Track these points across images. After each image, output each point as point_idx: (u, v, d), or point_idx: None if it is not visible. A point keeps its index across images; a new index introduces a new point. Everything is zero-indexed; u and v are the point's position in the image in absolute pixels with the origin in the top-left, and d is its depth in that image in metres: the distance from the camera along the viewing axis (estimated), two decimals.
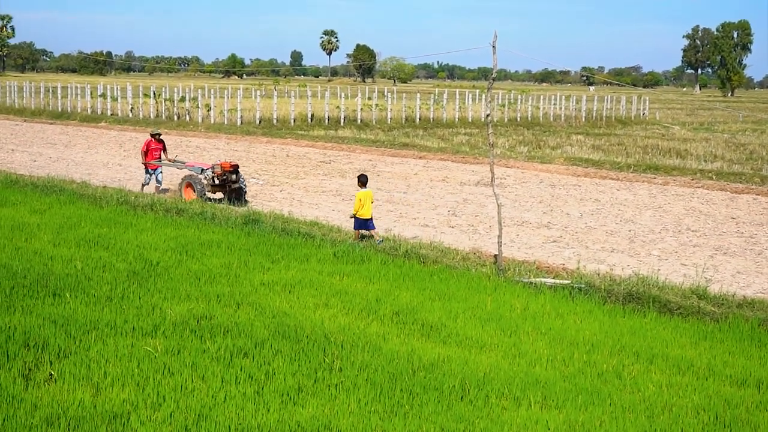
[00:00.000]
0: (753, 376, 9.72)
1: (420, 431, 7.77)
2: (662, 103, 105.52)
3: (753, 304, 12.93)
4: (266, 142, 42.71)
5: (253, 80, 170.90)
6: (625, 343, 10.77)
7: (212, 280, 13.06)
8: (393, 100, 61.39)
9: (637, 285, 13.52)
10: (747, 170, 32.67)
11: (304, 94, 66.29)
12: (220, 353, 9.61)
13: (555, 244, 18.56)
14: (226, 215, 18.69)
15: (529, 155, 37.42)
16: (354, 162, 34.65)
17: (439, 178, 29.88)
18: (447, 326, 11.16)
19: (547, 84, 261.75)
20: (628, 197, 26.35)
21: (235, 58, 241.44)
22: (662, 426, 8.14)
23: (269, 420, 7.87)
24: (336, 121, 53.69)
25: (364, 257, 15.17)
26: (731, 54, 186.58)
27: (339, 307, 11.84)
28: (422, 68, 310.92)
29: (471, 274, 14.38)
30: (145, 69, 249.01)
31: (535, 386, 9.03)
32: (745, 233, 20.47)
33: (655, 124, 65.05)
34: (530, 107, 66.33)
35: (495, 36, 15.28)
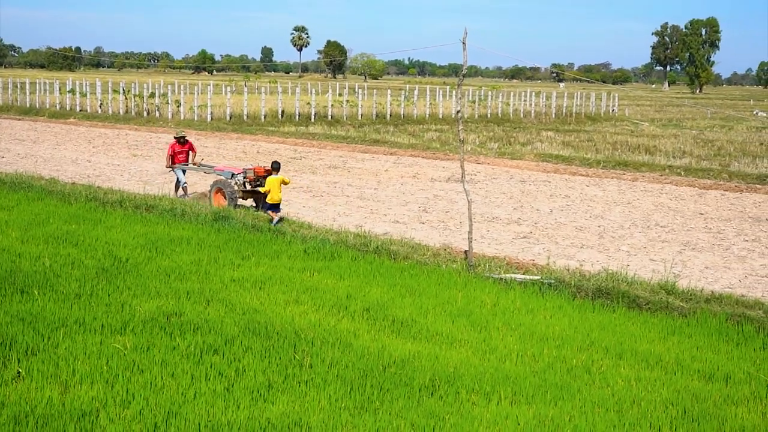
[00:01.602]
0: (721, 371, 9.80)
1: (390, 427, 7.78)
2: (631, 100, 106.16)
3: (721, 299, 13.02)
4: (236, 139, 42.58)
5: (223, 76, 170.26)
6: (595, 339, 10.82)
7: (182, 277, 13.01)
8: (364, 96, 61.36)
9: (607, 280, 13.59)
10: (715, 166, 32.91)
11: (274, 90, 66.22)
12: (190, 350, 9.57)
13: (525, 240, 18.63)
14: (196, 212, 18.61)
15: (499, 151, 37.51)
16: (325, 158, 34.61)
17: (409, 174, 29.91)
18: (417, 322, 11.17)
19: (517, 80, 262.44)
20: (597, 193, 26.49)
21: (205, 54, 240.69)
22: (631, 420, 8.19)
23: (239, 417, 7.85)
24: (307, 117, 53.59)
25: (334, 254, 15.16)
26: (699, 51, 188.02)
27: (309, 304, 11.83)
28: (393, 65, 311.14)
29: (441, 270, 14.40)
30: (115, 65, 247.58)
31: (505, 382, 9.06)
32: (713, 229, 20.64)
33: (625, 121, 65.40)
34: (500, 104, 66.55)
35: (465, 33, 15.31)
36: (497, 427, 7.89)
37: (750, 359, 10.35)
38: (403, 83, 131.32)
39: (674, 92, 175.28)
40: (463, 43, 15.28)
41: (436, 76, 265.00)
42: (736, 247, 18.42)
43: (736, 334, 11.38)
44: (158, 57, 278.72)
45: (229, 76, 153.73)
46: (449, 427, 7.84)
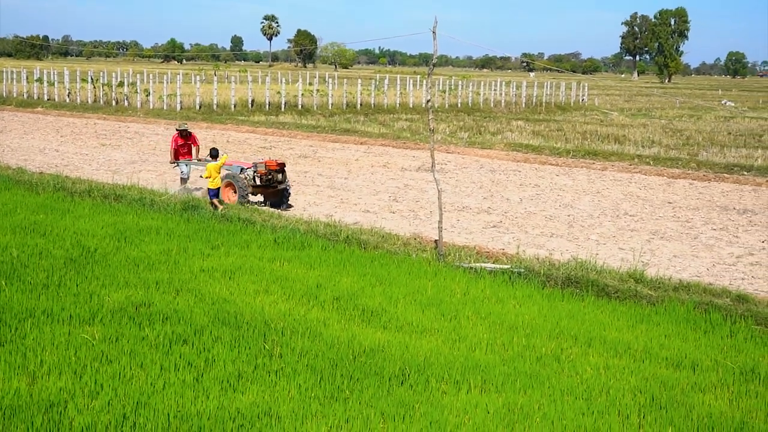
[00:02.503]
0: (688, 358, 9.88)
1: (360, 416, 7.78)
2: (601, 90, 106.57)
3: (689, 287, 13.12)
4: (206, 128, 42.34)
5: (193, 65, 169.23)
6: (564, 327, 10.87)
7: (151, 267, 12.94)
8: (334, 85, 61.22)
9: (576, 269, 13.66)
10: (683, 155, 33.12)
11: (244, 79, 65.89)
12: (159, 340, 9.53)
13: (495, 229, 18.67)
14: (165, 201, 18.52)
15: (469, 141, 37.56)
16: (295, 148, 34.53)
17: (380, 163, 29.89)
18: (387, 311, 11.18)
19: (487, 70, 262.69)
20: (567, 182, 26.59)
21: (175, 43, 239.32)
22: (599, 408, 8.24)
23: (209, 407, 7.83)
24: (277, 106, 53.40)
25: (304, 243, 15.13)
26: (668, 41, 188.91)
27: (279, 293, 11.81)
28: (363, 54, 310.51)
29: (411, 259, 14.42)
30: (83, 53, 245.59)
31: (475, 370, 9.08)
32: (681, 218, 20.77)
33: (594, 110, 65.66)
34: (471, 93, 66.59)
35: (435, 22, 15.30)
36: (467, 416, 7.91)
37: (717, 347, 10.43)
38: (374, 72, 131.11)
39: (643, 82, 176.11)
40: (433, 32, 15.27)
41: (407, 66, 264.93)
42: (704, 236, 18.55)
43: (703, 322, 11.48)
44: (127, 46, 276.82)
45: (198, 65, 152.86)
46: (419, 416, 7.86)
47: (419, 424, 7.70)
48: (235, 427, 7.48)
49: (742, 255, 16.81)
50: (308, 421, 7.67)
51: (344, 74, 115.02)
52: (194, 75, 63.87)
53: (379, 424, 7.68)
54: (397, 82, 63.18)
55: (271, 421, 7.64)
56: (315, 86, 58.52)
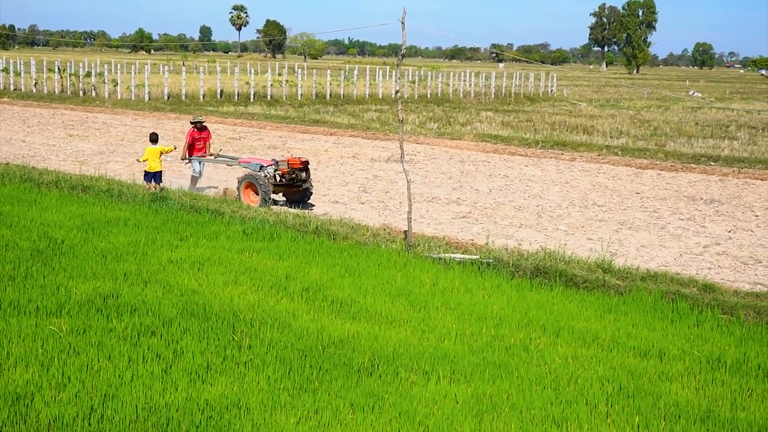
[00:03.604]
0: (655, 347, 9.94)
1: (329, 407, 7.78)
2: (570, 80, 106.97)
3: (656, 277, 13.21)
4: (175, 119, 42.14)
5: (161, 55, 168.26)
6: (533, 317, 10.91)
7: (119, 258, 12.86)
8: (303, 76, 61.08)
9: (545, 259, 13.71)
10: (651, 146, 33.33)
11: (213, 69, 65.67)
12: (127, 332, 9.48)
13: (464, 220, 18.72)
14: (134, 192, 18.41)
15: (438, 132, 37.59)
16: (264, 138, 34.43)
17: (349, 154, 29.87)
18: (357, 302, 11.18)
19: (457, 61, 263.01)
20: (536, 173, 26.68)
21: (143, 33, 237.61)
22: (568, 397, 8.28)
23: (177, 398, 7.80)
24: (246, 97, 53.23)
25: (273, 234, 15.10)
26: (636, 32, 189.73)
27: (248, 285, 11.77)
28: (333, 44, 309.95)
29: (381, 250, 14.42)
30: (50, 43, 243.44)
31: (444, 361, 9.10)
32: (649, 208, 20.90)
33: (563, 101, 65.90)
34: (440, 84, 66.62)
35: (404, 12, 15.29)
36: (436, 406, 7.93)
37: (684, 336, 10.51)
38: (343, 63, 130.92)
39: (612, 73, 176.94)
40: (402, 22, 15.27)
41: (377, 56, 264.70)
42: (671, 226, 18.68)
43: (670, 311, 11.56)
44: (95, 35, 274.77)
45: (167, 56, 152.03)
46: (388, 406, 7.87)
47: (388, 415, 7.71)
48: (204, 419, 7.46)
49: (709, 245, 16.94)
50: (277, 412, 7.66)
51: (313, 65, 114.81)
52: (162, 65, 63.60)
53: (349, 415, 7.68)
54: (367, 72, 63.12)
55: (240, 413, 7.62)
56: (284, 77, 58.38)
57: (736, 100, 74.86)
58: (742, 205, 21.65)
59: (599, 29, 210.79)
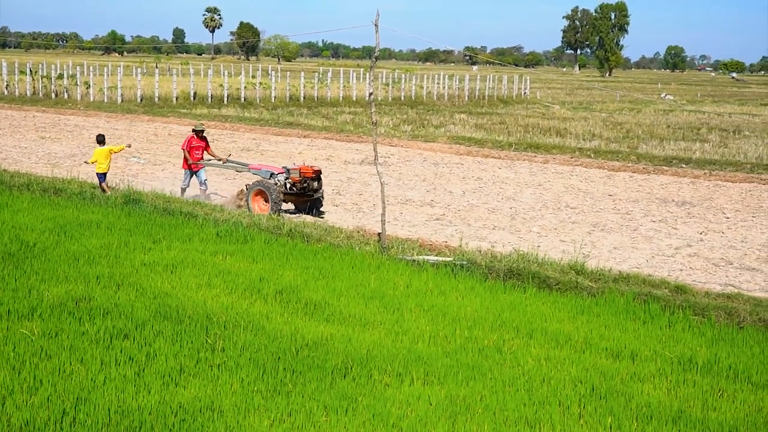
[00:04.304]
0: (627, 348, 10.00)
1: (303, 409, 7.78)
2: (543, 83, 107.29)
3: (628, 278, 13.28)
4: (148, 121, 41.98)
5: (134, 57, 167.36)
6: (506, 319, 10.95)
7: (91, 261, 12.80)
8: (277, 78, 61.04)
9: (518, 261, 13.76)
10: (624, 148, 33.50)
11: (186, 72, 65.42)
12: (100, 335, 9.44)
13: (438, 222, 18.75)
14: (106, 195, 18.32)
15: (412, 134, 37.63)
16: (238, 141, 34.34)
17: (323, 156, 29.84)
18: (330, 304, 11.18)
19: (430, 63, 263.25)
20: (509, 175, 26.76)
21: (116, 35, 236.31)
22: (541, 398, 8.32)
23: (150, 402, 7.77)
24: (219, 99, 53.09)
25: (247, 237, 15.07)
26: (609, 35, 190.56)
27: (222, 287, 11.75)
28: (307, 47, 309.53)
29: (355, 252, 14.42)
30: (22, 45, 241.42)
31: (418, 362, 9.12)
32: (621, 210, 21.02)
33: (536, 104, 66.10)
34: (414, 86, 66.64)
35: (377, 15, 15.31)
36: (409, 408, 7.94)
37: (656, 337, 10.58)
38: (317, 65, 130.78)
39: (584, 75, 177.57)
40: (375, 25, 15.28)
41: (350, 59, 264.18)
42: (643, 228, 18.79)
43: (642, 312, 11.63)
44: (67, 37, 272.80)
45: (140, 58, 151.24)
46: (362, 409, 7.88)
47: (362, 417, 7.72)
48: (177, 422, 7.44)
49: (681, 246, 17.06)
50: (251, 415, 7.66)
51: (287, 67, 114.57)
52: (135, 67, 63.26)
53: (322, 417, 7.69)
54: (341, 75, 63.10)
55: (214, 415, 7.61)
56: (258, 79, 58.24)
57: (707, 102, 75.36)
58: (714, 207, 21.81)
59: (572, 32, 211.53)
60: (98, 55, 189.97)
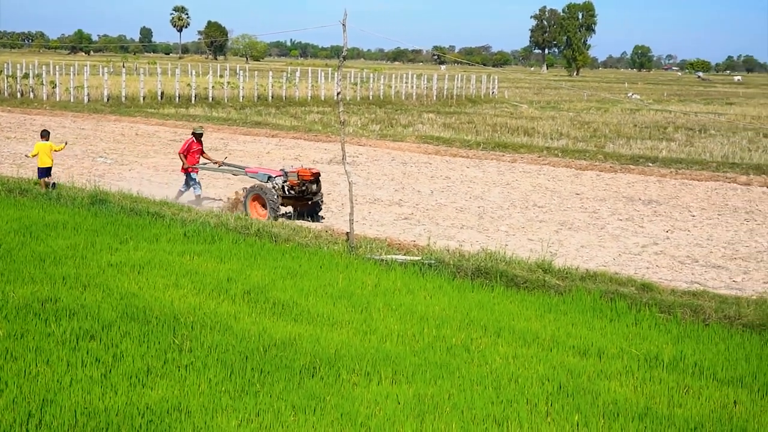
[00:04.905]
0: (594, 346, 10.05)
1: (271, 409, 7.77)
2: (511, 82, 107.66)
3: (595, 276, 13.35)
4: (114, 121, 41.75)
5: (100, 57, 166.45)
6: (474, 317, 10.97)
7: (57, 262, 12.70)
8: (245, 78, 60.84)
9: (486, 260, 13.79)
10: (591, 147, 33.69)
11: (154, 71, 65.03)
12: (66, 336, 9.38)
13: (406, 221, 18.78)
14: (72, 195, 18.20)
15: (381, 133, 37.66)
16: (205, 141, 34.04)
17: (291, 156, 29.78)
18: (299, 304, 11.16)
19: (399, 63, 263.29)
20: (477, 174, 26.84)
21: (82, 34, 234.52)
22: (508, 397, 8.34)
23: (117, 403, 7.73)
24: (187, 99, 52.88)
25: (215, 236, 15.02)
26: (576, 34, 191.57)
27: (189, 288, 11.70)
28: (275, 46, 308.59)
29: (323, 252, 14.41)
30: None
31: (386, 362, 9.12)
32: (588, 208, 21.13)
33: (504, 103, 66.33)
34: (382, 86, 66.71)
35: (345, 14, 15.30)
36: (378, 407, 7.95)
37: (623, 335, 10.64)
38: (286, 65, 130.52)
39: (552, 75, 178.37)
40: (343, 24, 15.27)
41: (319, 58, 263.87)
42: (610, 226, 18.90)
43: (609, 310, 11.69)
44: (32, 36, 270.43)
45: (106, 57, 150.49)
46: (330, 408, 7.87)
47: (330, 416, 7.71)
48: (144, 423, 7.41)
49: (647, 245, 17.18)
50: (218, 415, 7.63)
51: (255, 66, 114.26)
52: (102, 67, 62.92)
53: (290, 417, 7.67)
54: (309, 74, 63.03)
55: (181, 416, 7.58)
56: (226, 78, 58.11)
57: (673, 102, 75.94)
58: (680, 206, 21.98)
59: (540, 32, 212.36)
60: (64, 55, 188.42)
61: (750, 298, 12.40)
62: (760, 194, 24.39)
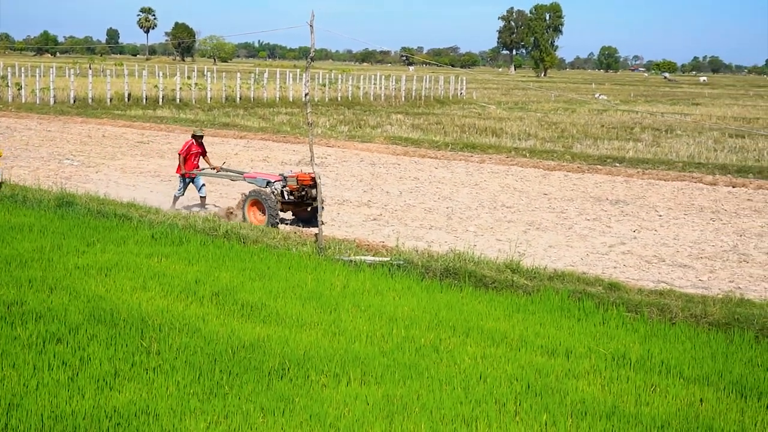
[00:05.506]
0: (562, 346, 10.10)
1: (239, 411, 7.75)
2: (479, 83, 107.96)
3: (563, 276, 13.41)
4: (81, 123, 41.49)
5: (67, 58, 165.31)
6: (443, 318, 10.99)
7: (23, 265, 12.60)
8: (213, 79, 60.62)
9: (454, 261, 13.81)
10: (558, 148, 33.86)
11: (120, 73, 64.70)
12: (32, 340, 9.30)
13: (375, 222, 18.78)
14: (38, 197, 18.06)
15: (349, 134, 37.66)
16: (173, 142, 34.04)
17: (260, 158, 29.73)
18: (267, 306, 11.14)
19: (367, 64, 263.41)
20: (446, 175, 26.89)
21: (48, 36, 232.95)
22: (477, 397, 8.36)
23: (84, 406, 7.68)
24: (154, 100, 52.62)
25: (183, 238, 14.95)
26: (544, 36, 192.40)
27: (157, 290, 11.64)
28: (243, 47, 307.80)
29: (291, 253, 14.38)
30: None
31: (355, 363, 9.12)
32: (556, 209, 21.23)
33: (472, 104, 66.50)
34: (351, 87, 66.69)
35: (312, 15, 15.29)
36: (347, 408, 7.94)
37: (590, 334, 10.70)
38: (253, 66, 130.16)
39: (520, 76, 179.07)
40: (310, 25, 15.26)
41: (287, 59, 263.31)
42: (578, 226, 18.99)
43: (577, 310, 11.74)
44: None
45: (73, 58, 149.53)
46: (299, 409, 7.86)
47: (299, 418, 7.70)
48: (112, 426, 7.36)
49: (615, 244, 17.28)
50: (187, 418, 7.60)
51: (223, 68, 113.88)
52: (68, 68, 62.51)
53: (259, 419, 7.66)
54: (277, 75, 62.97)
55: (149, 419, 7.54)
56: (193, 80, 57.89)
57: (640, 102, 76.45)
58: (647, 206, 22.12)
59: (507, 33, 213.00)
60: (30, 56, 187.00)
61: (716, 297, 12.50)
62: (725, 194, 24.60)
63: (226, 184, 21.95)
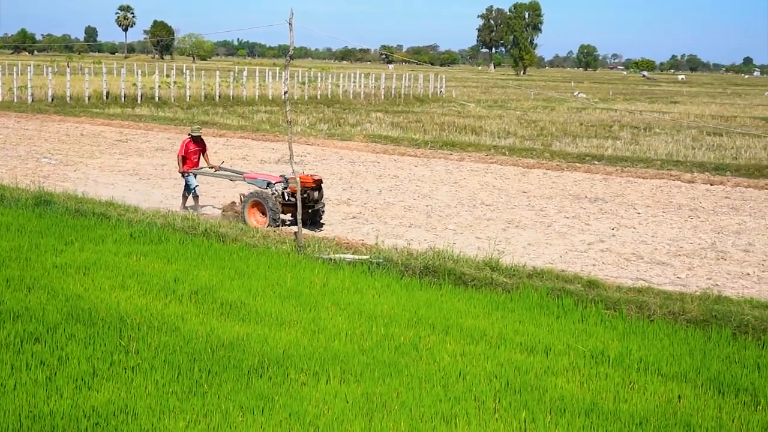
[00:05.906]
0: (541, 343, 10.13)
1: (219, 410, 7.73)
2: (458, 81, 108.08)
3: (542, 274, 13.45)
4: (59, 121, 41.27)
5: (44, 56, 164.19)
6: (422, 316, 11.00)
7: (1, 264, 12.53)
8: (192, 77, 60.42)
9: (434, 259, 13.82)
10: (538, 146, 33.94)
11: (99, 71, 64.41)
12: (10, 339, 9.26)
13: (354, 220, 18.78)
14: (16, 196, 17.96)
15: (329, 133, 37.62)
16: (152, 140, 33.95)
17: (239, 156, 29.66)
18: (246, 304, 11.12)
19: (347, 62, 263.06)
20: (425, 173, 26.91)
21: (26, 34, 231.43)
22: (456, 394, 8.38)
23: (62, 406, 7.65)
24: (133, 98, 52.40)
25: (162, 237, 14.91)
26: (523, 34, 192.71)
27: (136, 289, 11.60)
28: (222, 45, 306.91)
29: (271, 251, 14.37)
30: None
31: (335, 361, 9.12)
32: (535, 206, 21.28)
33: (452, 102, 66.55)
34: (330, 85, 66.63)
35: (291, 13, 15.28)
36: (326, 406, 7.94)
37: (569, 331, 10.73)
38: (233, 64, 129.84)
39: (499, 74, 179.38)
40: (289, 24, 15.25)
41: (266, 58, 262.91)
42: (557, 224, 19.04)
43: (556, 307, 11.78)
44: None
45: (51, 57, 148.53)
46: (278, 408, 7.85)
47: (279, 416, 7.70)
48: (90, 426, 7.34)
49: (593, 242, 17.33)
50: (166, 417, 7.58)
51: (202, 66, 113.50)
52: (46, 66, 62.22)
53: (239, 417, 7.65)
54: (256, 74, 62.86)
55: (128, 418, 7.52)
56: (172, 78, 57.67)
57: (619, 100, 76.73)
58: (625, 203, 22.21)
59: (487, 31, 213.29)
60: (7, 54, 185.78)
61: (694, 294, 12.56)
62: (703, 191, 24.73)
63: (226, 184, 21.75)
